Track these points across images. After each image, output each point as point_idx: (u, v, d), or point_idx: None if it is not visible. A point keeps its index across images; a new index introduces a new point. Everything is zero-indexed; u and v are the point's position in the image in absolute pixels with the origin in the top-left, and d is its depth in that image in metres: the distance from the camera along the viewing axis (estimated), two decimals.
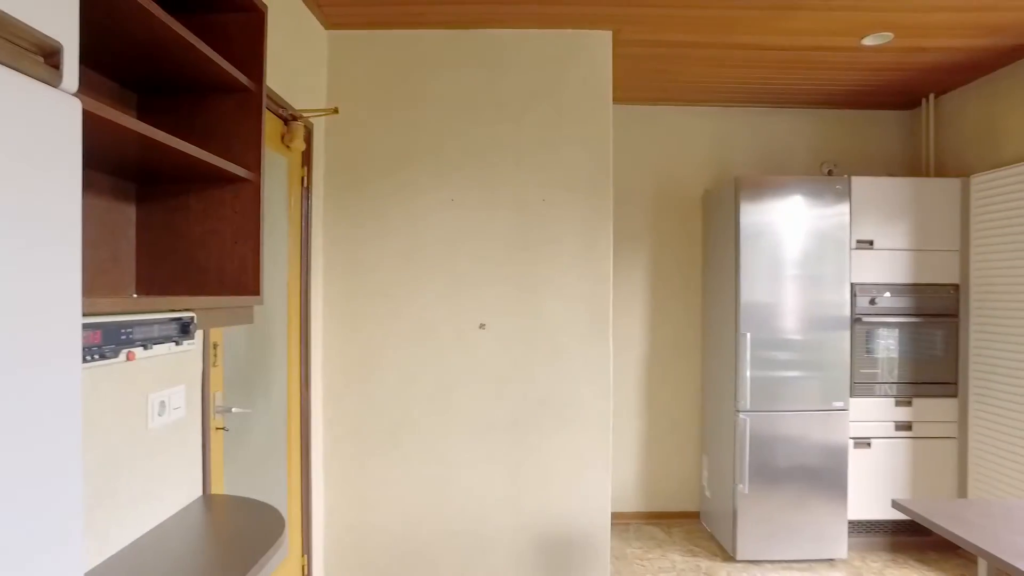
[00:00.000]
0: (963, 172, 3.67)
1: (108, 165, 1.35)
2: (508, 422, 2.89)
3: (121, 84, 1.46)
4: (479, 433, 2.89)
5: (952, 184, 3.58)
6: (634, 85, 3.74)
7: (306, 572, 2.75)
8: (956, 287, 3.59)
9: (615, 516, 4.05)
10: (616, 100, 4.00)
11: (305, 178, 2.72)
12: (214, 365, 2.09)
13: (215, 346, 2.09)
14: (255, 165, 1.53)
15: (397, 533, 2.92)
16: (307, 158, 2.72)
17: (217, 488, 2.12)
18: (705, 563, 3.47)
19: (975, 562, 3.47)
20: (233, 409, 2.15)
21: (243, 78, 1.46)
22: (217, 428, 2.11)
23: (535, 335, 2.88)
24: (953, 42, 3.10)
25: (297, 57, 2.57)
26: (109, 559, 1.43)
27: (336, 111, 2.58)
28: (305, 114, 2.58)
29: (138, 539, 1.55)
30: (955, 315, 3.59)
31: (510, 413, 2.89)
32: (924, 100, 3.95)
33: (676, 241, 4.11)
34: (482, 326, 2.87)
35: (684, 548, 3.67)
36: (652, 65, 3.41)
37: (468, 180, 2.89)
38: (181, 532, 1.63)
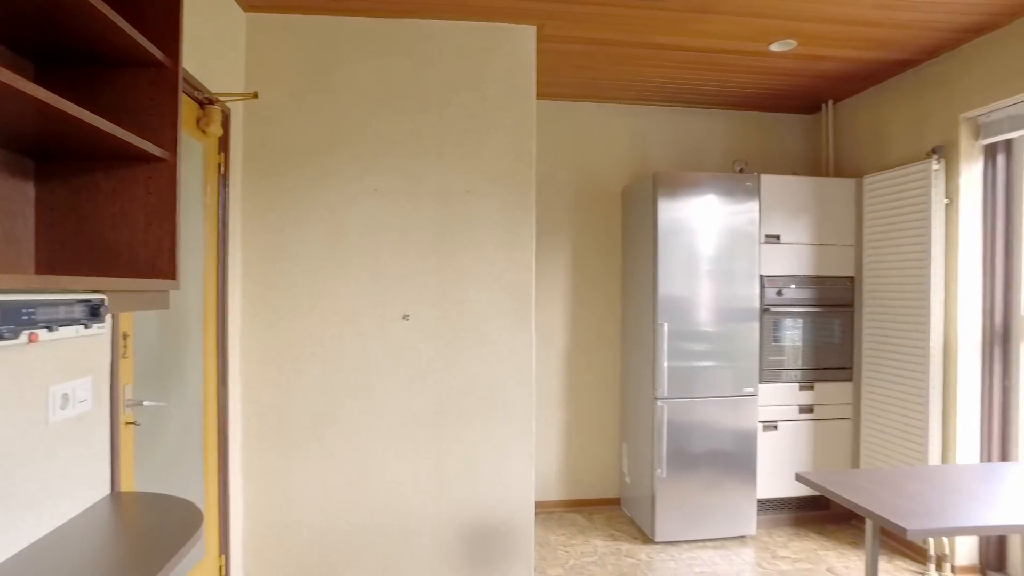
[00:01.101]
0: (857, 173, 3.96)
1: None
2: (432, 412, 2.89)
3: (13, 51, 1.36)
4: (403, 424, 2.88)
5: (848, 184, 3.86)
6: (558, 81, 3.81)
7: (224, 572, 2.66)
8: (852, 279, 3.87)
9: (539, 505, 4.13)
10: (540, 95, 4.06)
11: (222, 165, 2.63)
12: (124, 356, 1.99)
13: (125, 336, 1.99)
14: (171, 145, 1.47)
15: (320, 528, 2.87)
16: (224, 144, 2.63)
17: (127, 486, 2.02)
18: (626, 546, 3.59)
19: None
20: (145, 402, 2.05)
21: (157, 52, 1.40)
22: (127, 423, 2.01)
23: (459, 325, 2.89)
24: (847, 53, 3.34)
25: (213, 38, 2.48)
26: (2, 564, 1.34)
27: (255, 96, 2.50)
28: (222, 98, 2.49)
29: (37, 541, 1.45)
30: (851, 305, 3.87)
31: (434, 403, 2.89)
32: (824, 106, 4.23)
33: (597, 235, 4.22)
34: (406, 317, 2.85)
35: (606, 533, 3.78)
36: (575, 61, 3.49)
37: (391, 170, 2.87)
38: (86, 532, 1.54)
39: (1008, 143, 3.18)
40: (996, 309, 3.19)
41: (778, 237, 3.76)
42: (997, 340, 3.18)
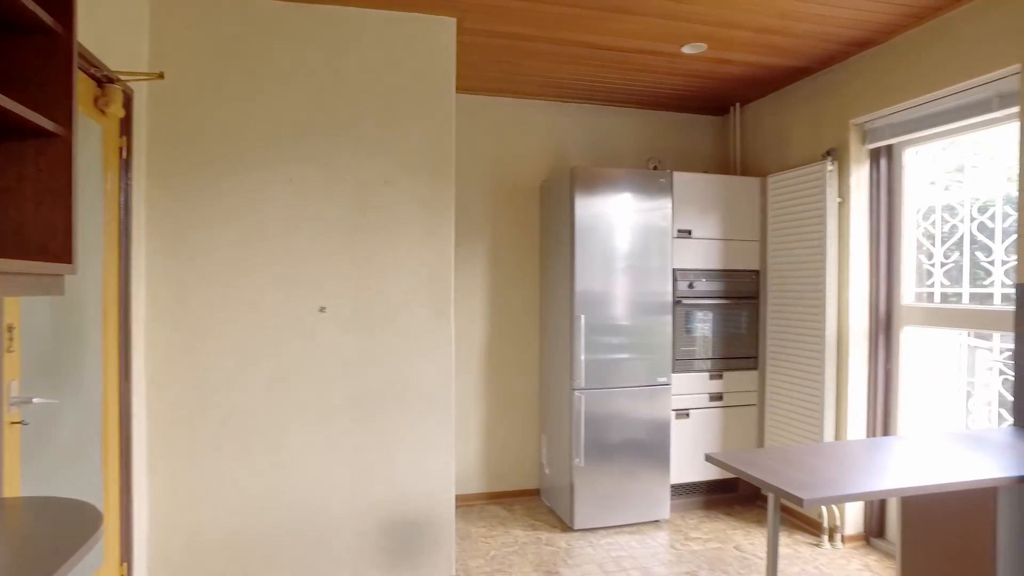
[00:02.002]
0: (762, 172, 4.19)
1: None
2: (350, 407, 2.84)
3: None
4: (320, 419, 2.81)
5: (754, 182, 4.07)
6: (478, 75, 3.82)
7: None
8: (757, 273, 4.09)
9: (459, 499, 4.13)
10: (460, 88, 4.06)
11: (124, 149, 2.48)
12: (8, 350, 1.84)
13: (10, 328, 1.85)
14: (65, 120, 1.37)
15: (232, 530, 2.76)
16: (126, 127, 2.48)
17: (12, 491, 1.88)
18: (546, 535, 3.65)
19: None
20: (35, 400, 1.91)
21: (47, 17, 1.31)
22: (12, 422, 1.87)
23: (377, 318, 2.86)
24: (752, 58, 3.52)
25: (113, 12, 2.33)
26: None
27: (161, 76, 2.38)
28: (123, 77, 2.35)
29: None
30: (756, 297, 4.09)
31: (352, 398, 2.84)
32: (732, 108, 4.45)
33: (515, 228, 4.27)
34: (322, 309, 2.79)
35: (526, 523, 3.83)
36: (495, 56, 3.51)
37: (308, 160, 2.80)
38: None
39: (890, 148, 3.45)
40: (881, 300, 3.46)
41: (690, 232, 3.93)
42: (881, 328, 3.45)
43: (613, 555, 3.38)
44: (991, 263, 3.03)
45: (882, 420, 3.44)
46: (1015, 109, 2.70)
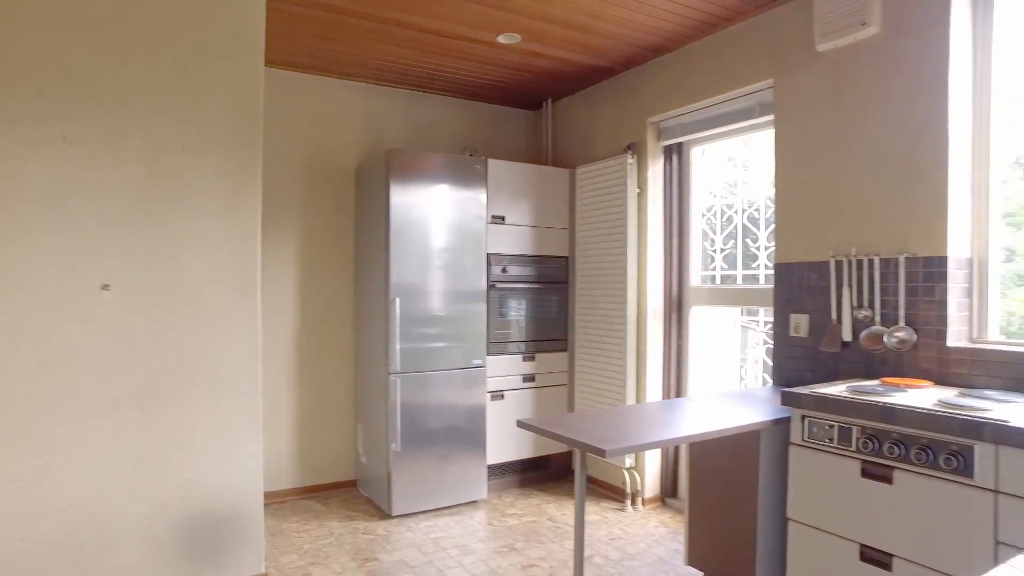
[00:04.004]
0: (571, 164, 4.45)
1: None
2: (140, 395, 2.54)
3: None
4: (102, 411, 2.48)
5: (563, 173, 4.32)
6: (292, 48, 3.63)
7: None
8: (566, 259, 4.34)
9: (271, 495, 3.89)
10: (274, 63, 3.83)
11: None
12: None
13: None
14: None
15: None
16: None
17: None
18: (363, 524, 3.56)
19: None
20: None
21: None
22: None
23: (173, 296, 2.59)
24: (563, 54, 3.73)
25: None
26: None
27: None
28: None
29: None
30: (565, 282, 4.34)
31: (143, 385, 2.54)
32: (545, 103, 4.68)
33: (329, 211, 4.12)
34: (105, 287, 2.47)
35: (342, 515, 3.71)
36: (311, 29, 3.36)
37: (87, 117, 2.45)
38: None
39: (680, 145, 3.85)
40: (673, 282, 3.84)
41: (503, 218, 4.06)
42: (674, 307, 3.84)
43: (432, 537, 3.39)
44: (758, 249, 3.50)
45: (675, 386, 3.83)
46: (771, 117, 3.15)
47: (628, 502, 3.83)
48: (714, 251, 3.75)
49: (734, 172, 3.68)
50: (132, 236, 2.52)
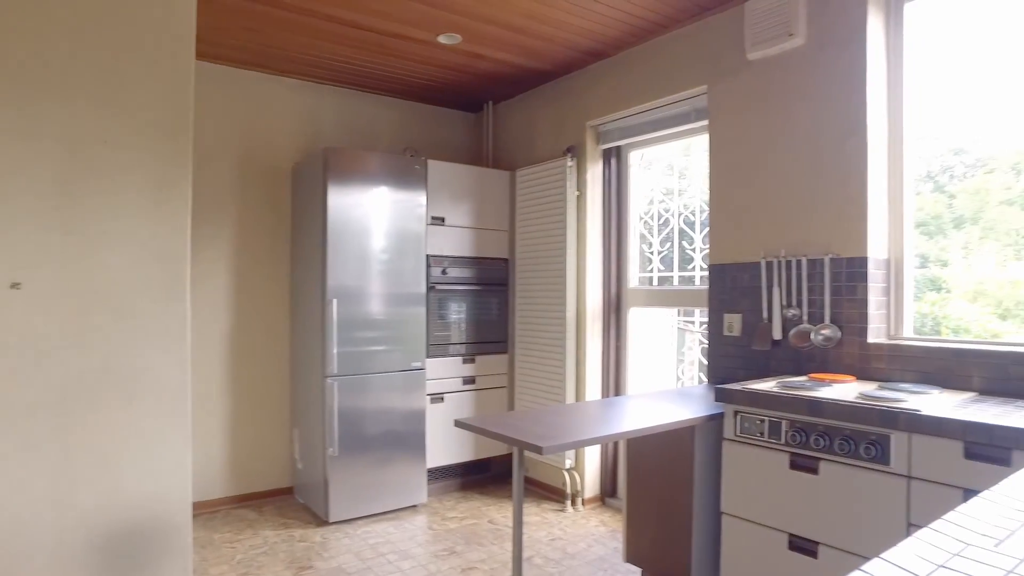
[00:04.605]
0: (512, 167, 4.46)
1: None
2: (54, 400, 2.39)
3: None
4: (11, 419, 2.32)
5: (504, 175, 4.33)
6: (226, 41, 3.51)
7: None
8: (506, 261, 4.35)
9: (201, 505, 3.74)
10: (207, 56, 3.70)
11: None
12: None
13: None
14: None
15: None
16: None
17: None
18: (299, 531, 3.46)
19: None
20: None
21: None
22: None
23: (92, 295, 2.45)
24: (504, 56, 3.74)
25: None
26: None
27: None
28: None
29: None
30: (506, 284, 4.35)
31: (58, 390, 2.39)
32: (485, 105, 4.68)
33: (264, 211, 4.00)
34: (15, 285, 2.31)
35: (277, 523, 3.60)
36: (245, 23, 3.26)
37: None
38: None
39: (619, 149, 3.92)
40: (611, 284, 3.90)
41: (443, 220, 4.04)
42: (613, 308, 3.90)
43: (370, 543, 3.32)
44: (693, 251, 3.59)
45: (614, 386, 3.88)
46: (706, 122, 3.24)
47: (568, 503, 3.85)
48: (651, 253, 3.82)
49: (671, 181, 3.77)
50: (46, 231, 2.37)
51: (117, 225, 2.50)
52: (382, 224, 3.72)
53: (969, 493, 1.73)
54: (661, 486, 2.59)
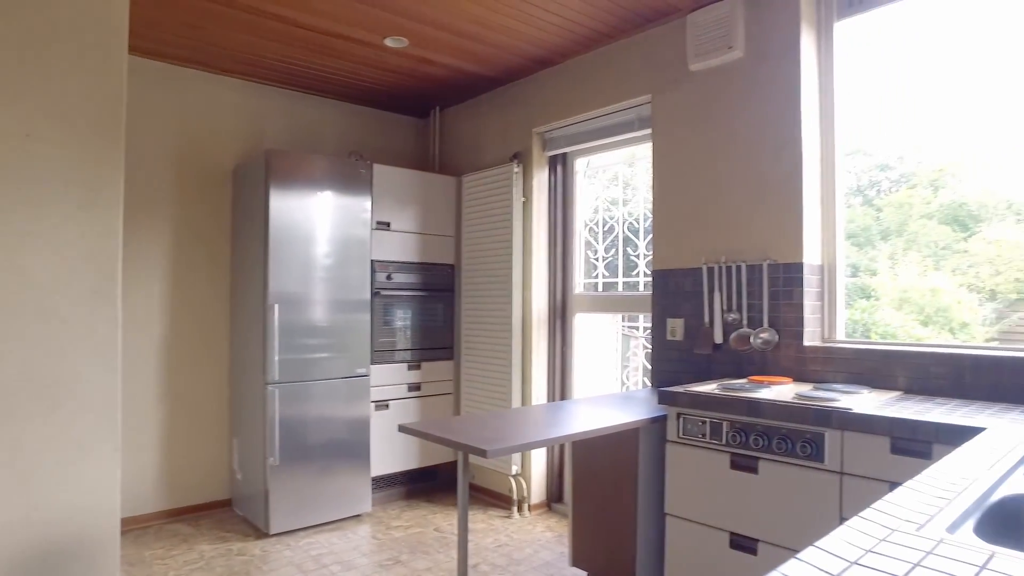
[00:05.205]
0: (458, 172, 4.45)
1: None
2: None
3: None
4: None
5: (450, 181, 4.31)
6: (164, 37, 3.38)
7: None
8: (452, 267, 4.32)
9: (132, 520, 3.56)
10: (143, 51, 3.56)
11: None
12: None
13: None
14: None
15: None
16: None
17: None
18: (238, 544, 3.34)
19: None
20: None
21: None
22: None
23: (12, 299, 2.31)
24: (452, 61, 3.74)
25: None
26: None
27: None
28: None
29: None
30: (452, 290, 4.32)
31: None
32: (432, 111, 4.67)
33: (203, 214, 3.87)
34: None
35: (214, 536, 3.46)
36: (183, 17, 3.15)
37: None
38: None
39: (565, 156, 3.96)
40: (557, 289, 3.93)
41: (389, 225, 3.99)
42: (558, 314, 3.92)
43: (312, 554, 3.23)
44: (637, 257, 3.65)
45: (560, 391, 3.90)
46: (649, 130, 3.31)
47: (515, 509, 3.84)
48: (596, 259, 3.87)
49: (616, 191, 3.83)
50: None
51: (42, 225, 2.37)
52: (326, 228, 3.65)
53: (895, 486, 1.79)
54: (606, 490, 2.61)
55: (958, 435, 1.69)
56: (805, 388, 2.38)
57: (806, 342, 2.63)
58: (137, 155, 3.61)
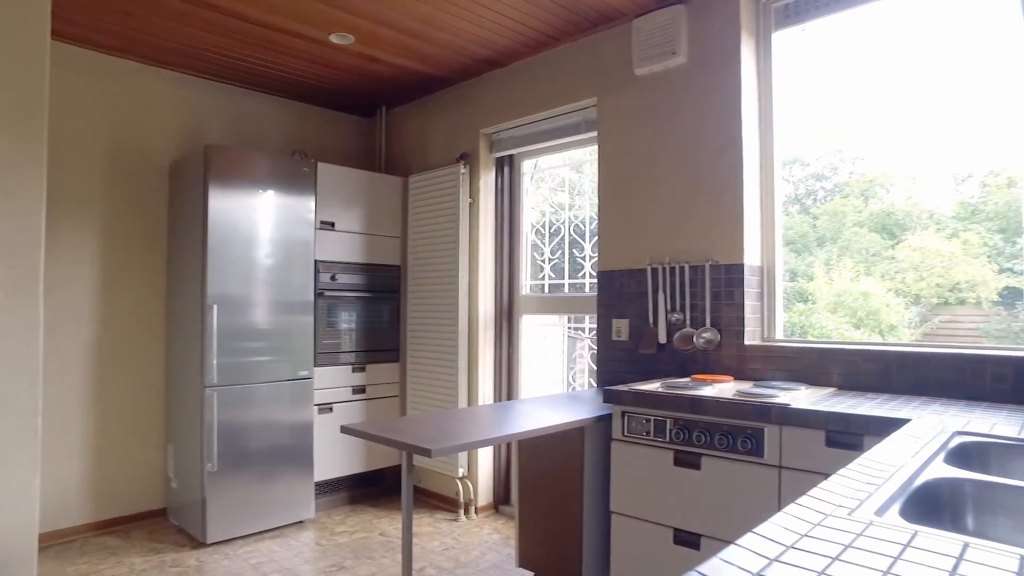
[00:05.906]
0: (405, 172, 4.40)
1: None
2: None
3: None
4: None
5: (396, 181, 4.26)
6: (94, 23, 3.22)
7: None
8: (398, 268, 4.27)
9: (53, 535, 3.37)
10: (69, 37, 3.38)
11: None
12: None
13: None
14: None
15: None
16: None
17: None
18: (172, 556, 3.20)
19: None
20: None
21: None
22: None
23: None
24: (398, 60, 3.69)
25: None
26: None
27: None
28: None
29: None
30: (397, 291, 4.27)
31: None
32: (379, 110, 4.60)
33: (137, 211, 3.71)
34: None
35: (147, 548, 3.31)
36: (113, 3, 3.01)
37: None
38: None
39: (512, 157, 3.96)
40: (504, 291, 3.92)
41: (333, 224, 3.91)
42: (505, 315, 3.92)
43: (252, 563, 3.13)
44: (583, 259, 3.68)
45: (507, 392, 3.90)
46: (595, 133, 3.35)
47: (462, 512, 3.81)
48: (543, 261, 3.89)
49: (563, 196, 3.85)
50: None
51: None
52: (268, 228, 3.55)
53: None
54: (553, 490, 2.61)
55: (886, 426, 1.76)
56: (746, 386, 2.44)
57: (747, 341, 2.70)
58: (65, 146, 3.43)
